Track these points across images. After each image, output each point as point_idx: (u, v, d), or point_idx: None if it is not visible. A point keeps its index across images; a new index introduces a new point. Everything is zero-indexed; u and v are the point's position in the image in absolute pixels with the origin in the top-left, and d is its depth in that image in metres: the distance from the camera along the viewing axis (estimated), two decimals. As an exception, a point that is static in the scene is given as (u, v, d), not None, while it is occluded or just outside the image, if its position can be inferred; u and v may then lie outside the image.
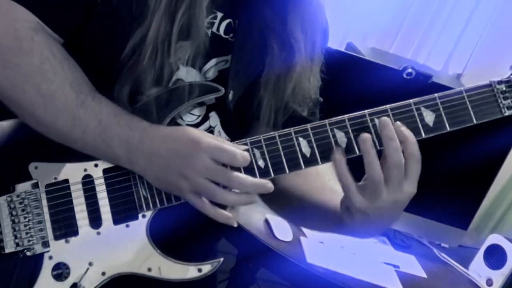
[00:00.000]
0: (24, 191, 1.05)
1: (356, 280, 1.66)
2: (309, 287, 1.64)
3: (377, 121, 1.01)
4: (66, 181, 1.06)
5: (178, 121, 1.11)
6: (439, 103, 1.00)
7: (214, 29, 1.11)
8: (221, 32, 1.12)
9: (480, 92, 1.01)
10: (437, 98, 1.01)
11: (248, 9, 1.11)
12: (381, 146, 1.00)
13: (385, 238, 2.01)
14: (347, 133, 1.01)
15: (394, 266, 1.83)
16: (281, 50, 1.13)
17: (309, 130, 1.02)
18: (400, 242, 2.04)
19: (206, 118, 1.14)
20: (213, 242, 1.25)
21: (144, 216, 1.06)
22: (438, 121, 1.00)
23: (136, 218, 1.06)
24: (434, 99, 1.01)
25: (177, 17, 1.03)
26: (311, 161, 1.02)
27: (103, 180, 1.06)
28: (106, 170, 1.06)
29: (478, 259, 1.92)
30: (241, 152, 0.99)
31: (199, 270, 1.05)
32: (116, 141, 1.02)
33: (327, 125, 1.02)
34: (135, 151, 1.02)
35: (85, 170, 1.06)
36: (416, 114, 1.00)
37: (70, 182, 1.06)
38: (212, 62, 1.12)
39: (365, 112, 1.01)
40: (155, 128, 1.03)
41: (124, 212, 1.06)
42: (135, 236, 1.06)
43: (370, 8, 2.33)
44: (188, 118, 1.12)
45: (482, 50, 2.41)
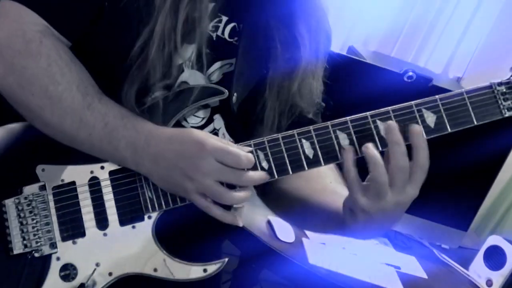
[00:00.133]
0: (32, 193, 1.06)
1: (358, 281, 1.66)
2: None
3: (379, 122, 1.01)
4: (73, 183, 1.06)
5: (183, 123, 1.12)
6: (440, 105, 1.00)
7: (219, 33, 1.12)
8: (226, 35, 1.12)
9: (481, 94, 1.01)
10: (438, 99, 1.01)
11: (252, 13, 1.12)
12: (383, 147, 1.00)
13: (386, 240, 2.01)
14: (349, 135, 1.01)
15: (395, 267, 1.83)
16: (285, 50, 1.13)
17: (312, 131, 1.02)
18: (401, 243, 2.03)
19: (210, 120, 1.14)
20: (218, 242, 1.25)
21: (150, 217, 1.06)
22: (439, 122, 1.00)
23: (142, 219, 1.06)
24: (435, 100, 1.01)
25: (181, 8, 1.04)
26: (314, 162, 1.02)
27: (109, 182, 1.07)
28: (112, 172, 1.07)
29: (478, 260, 1.92)
30: (245, 154, 1.00)
31: (204, 270, 1.05)
32: (122, 143, 1.02)
33: (330, 127, 1.02)
34: (141, 153, 1.02)
35: (92, 172, 1.07)
36: (417, 116, 1.00)
37: (77, 184, 1.06)
38: (216, 65, 1.12)
39: (367, 114, 1.02)
40: (161, 130, 1.03)
41: (130, 214, 1.06)
42: (141, 237, 1.06)
43: (371, 13, 2.34)
44: (193, 121, 1.13)
45: (482, 54, 2.41)
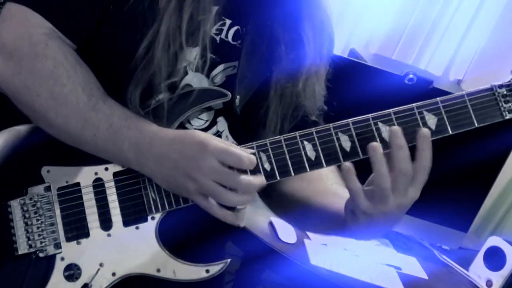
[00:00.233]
0: (37, 194, 1.06)
1: (359, 281, 1.66)
2: (312, 288, 1.64)
3: (380, 125, 1.01)
4: (77, 184, 1.07)
5: (186, 125, 1.12)
6: (441, 107, 1.00)
7: (223, 36, 1.11)
8: (229, 38, 1.12)
9: (482, 96, 1.01)
10: (439, 102, 1.01)
11: (256, 17, 1.12)
12: (384, 150, 1.00)
13: (387, 240, 2.00)
14: (351, 137, 1.01)
15: (396, 267, 1.82)
16: (290, 50, 1.13)
17: (314, 134, 1.02)
18: (401, 244, 2.03)
19: (214, 123, 1.14)
20: (221, 244, 1.25)
21: (153, 218, 1.06)
22: (440, 124, 1.00)
23: (145, 220, 1.06)
24: (436, 103, 1.01)
25: (185, 8, 1.04)
26: (316, 164, 1.02)
27: (113, 183, 1.07)
28: (116, 174, 1.07)
29: (478, 260, 1.91)
30: (247, 155, 1.00)
31: (207, 271, 1.05)
32: (126, 143, 1.02)
33: (332, 129, 1.02)
34: (144, 154, 1.02)
35: (96, 173, 1.07)
36: (418, 118, 1.00)
37: (81, 185, 1.06)
38: (220, 67, 1.12)
39: (369, 116, 1.02)
40: (164, 131, 1.03)
41: (133, 214, 1.06)
42: (144, 237, 1.06)
43: (372, 16, 2.33)
44: (196, 123, 1.13)
45: (482, 57, 2.40)
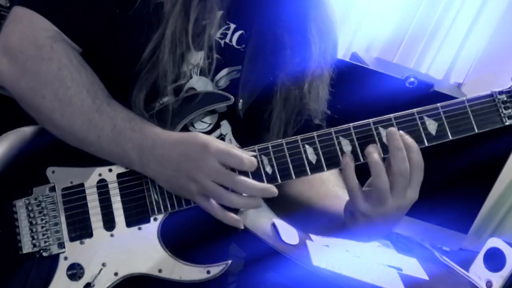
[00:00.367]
0: (42, 194, 1.06)
1: (361, 282, 1.65)
2: (314, 289, 1.63)
3: (381, 129, 1.00)
4: (81, 185, 1.06)
5: (190, 128, 1.11)
6: (441, 113, 1.00)
7: (227, 40, 1.11)
8: (234, 42, 1.11)
9: (482, 102, 1.00)
10: (440, 107, 1.00)
11: (260, 21, 1.11)
12: (386, 154, 0.99)
13: (388, 242, 2.00)
14: (352, 141, 1.01)
15: (397, 268, 1.82)
16: (295, 54, 1.13)
17: (315, 137, 1.02)
18: (402, 245, 2.02)
19: (217, 126, 1.13)
20: (223, 245, 1.24)
21: (155, 219, 1.06)
22: (440, 130, 1.00)
23: (148, 221, 1.06)
24: (436, 108, 1.00)
25: (191, 10, 1.03)
26: (317, 167, 1.02)
27: (117, 184, 1.06)
28: (120, 175, 1.06)
29: (478, 261, 1.92)
30: (248, 157, 0.99)
31: (208, 272, 1.04)
32: (129, 145, 1.02)
33: (333, 133, 1.02)
34: (147, 155, 1.02)
35: (100, 174, 1.06)
36: (419, 123, 1.00)
37: (85, 186, 1.06)
38: (224, 71, 1.11)
39: (370, 121, 1.01)
40: (167, 134, 1.03)
41: (136, 215, 1.06)
42: (146, 238, 1.05)
43: (374, 20, 2.33)
44: (200, 126, 1.12)
45: (482, 61, 2.40)
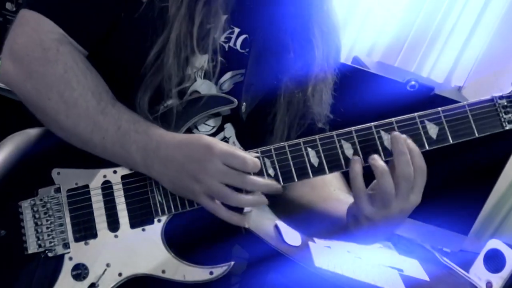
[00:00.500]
0: (47, 195, 1.05)
1: (362, 283, 1.65)
2: (317, 290, 1.63)
3: (383, 133, 1.00)
4: (86, 186, 1.06)
5: (194, 131, 1.11)
6: (442, 117, 0.99)
7: (231, 44, 1.10)
8: (238, 46, 1.11)
9: (482, 107, 1.00)
10: (441, 112, 1.00)
11: (264, 25, 1.10)
12: (387, 157, 0.99)
13: (389, 243, 2.00)
14: (353, 144, 1.00)
15: (398, 269, 1.82)
16: (299, 57, 1.12)
17: (318, 141, 1.01)
18: (404, 247, 2.02)
19: (221, 129, 1.13)
20: (226, 246, 1.24)
21: (159, 221, 1.05)
22: (441, 134, 0.99)
23: (151, 223, 1.05)
24: (437, 112, 1.00)
25: (196, 14, 1.03)
26: (319, 170, 1.01)
27: (121, 186, 1.06)
28: (124, 177, 1.06)
29: (479, 263, 1.91)
30: (251, 158, 0.99)
31: (211, 273, 1.04)
32: (134, 146, 1.02)
33: (335, 137, 1.01)
34: (151, 157, 1.01)
35: (105, 176, 1.06)
36: (420, 127, 0.99)
37: (90, 187, 1.06)
38: (228, 75, 1.11)
39: (371, 124, 1.01)
40: (171, 135, 1.02)
41: (140, 217, 1.05)
42: (150, 239, 1.05)
43: (375, 25, 2.32)
44: (204, 129, 1.11)
45: (482, 64, 2.39)
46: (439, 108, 1.00)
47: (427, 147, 1.00)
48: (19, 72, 1.03)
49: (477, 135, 0.99)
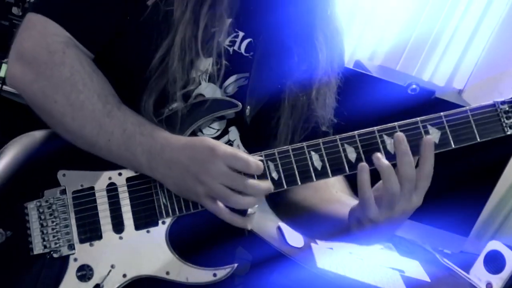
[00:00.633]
0: (53, 197, 1.05)
1: (364, 284, 1.64)
2: (319, 290, 1.63)
3: (386, 137, 0.99)
4: (91, 188, 1.05)
5: (198, 134, 1.10)
6: (444, 122, 0.99)
7: (236, 47, 1.10)
8: (242, 50, 1.10)
9: (484, 112, 0.99)
10: (443, 116, 0.99)
11: (268, 29, 1.10)
12: (389, 161, 0.97)
13: (390, 244, 2.00)
14: (356, 148, 1.00)
15: (399, 270, 1.82)
16: (303, 61, 1.11)
17: (321, 144, 1.01)
18: (405, 248, 2.02)
19: (225, 132, 1.12)
20: (230, 248, 1.23)
21: (164, 223, 1.05)
22: (443, 138, 0.99)
23: (156, 224, 1.05)
24: (440, 117, 0.99)
25: (201, 17, 1.02)
26: (322, 174, 1.01)
27: (126, 188, 1.05)
28: (129, 179, 1.05)
29: (479, 264, 1.92)
30: (254, 160, 0.98)
31: (214, 275, 1.03)
32: (139, 149, 1.01)
33: (338, 140, 1.00)
34: (156, 159, 1.01)
35: (110, 178, 1.05)
36: (422, 132, 0.99)
37: (95, 189, 1.05)
38: (232, 78, 1.10)
39: (374, 128, 1.00)
40: (176, 138, 1.02)
41: (145, 219, 1.05)
42: (155, 241, 1.04)
43: (377, 29, 2.32)
44: (208, 132, 1.11)
45: (482, 68, 2.39)
46: (442, 113, 0.99)
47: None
48: (26, 75, 1.03)
49: (479, 140, 0.99)
